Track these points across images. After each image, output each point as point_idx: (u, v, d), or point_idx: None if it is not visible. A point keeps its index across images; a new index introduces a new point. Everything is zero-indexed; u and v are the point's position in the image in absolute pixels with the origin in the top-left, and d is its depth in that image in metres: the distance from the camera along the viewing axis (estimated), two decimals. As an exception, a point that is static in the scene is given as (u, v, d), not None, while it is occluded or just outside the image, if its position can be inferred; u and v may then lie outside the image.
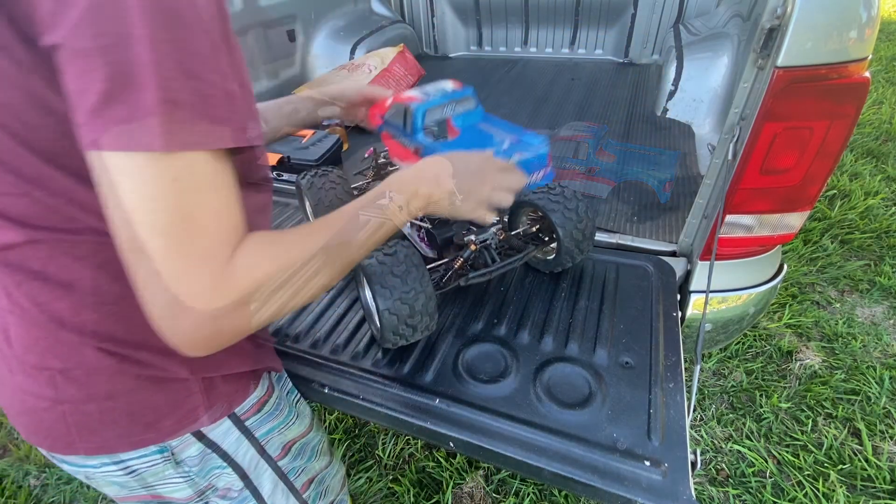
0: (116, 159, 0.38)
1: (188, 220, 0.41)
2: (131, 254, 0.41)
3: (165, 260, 0.40)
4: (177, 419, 0.60)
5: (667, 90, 1.85)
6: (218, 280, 0.43)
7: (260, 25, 1.92)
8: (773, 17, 0.76)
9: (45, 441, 0.57)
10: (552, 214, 0.96)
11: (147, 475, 0.62)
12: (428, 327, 0.86)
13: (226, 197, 0.44)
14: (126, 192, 0.39)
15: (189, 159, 0.40)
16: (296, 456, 0.80)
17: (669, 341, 0.90)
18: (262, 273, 0.46)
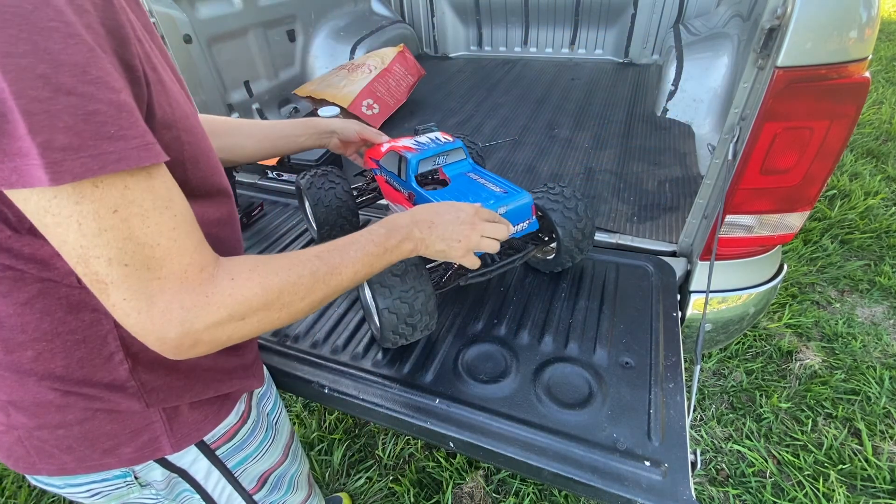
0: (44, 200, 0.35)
1: (148, 248, 0.40)
2: (95, 287, 0.40)
3: (133, 288, 0.40)
4: (136, 448, 0.57)
5: (667, 90, 1.85)
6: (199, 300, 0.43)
7: (260, 25, 1.92)
8: (773, 17, 0.76)
9: (8, 460, 0.56)
10: (552, 214, 0.96)
11: (112, 497, 0.61)
12: (428, 326, 0.86)
13: (177, 214, 0.42)
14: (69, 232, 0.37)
15: (122, 183, 0.37)
16: (272, 489, 0.77)
17: (669, 341, 0.90)
18: (246, 294, 0.45)
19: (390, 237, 0.62)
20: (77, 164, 0.35)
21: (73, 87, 0.34)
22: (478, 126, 1.93)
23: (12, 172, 0.34)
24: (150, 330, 0.42)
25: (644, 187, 1.41)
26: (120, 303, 0.40)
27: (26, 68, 0.32)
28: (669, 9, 2.33)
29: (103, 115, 0.36)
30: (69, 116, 0.34)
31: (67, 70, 0.34)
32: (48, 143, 0.33)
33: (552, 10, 2.59)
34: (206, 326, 0.43)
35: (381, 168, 1.09)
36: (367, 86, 1.90)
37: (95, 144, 0.35)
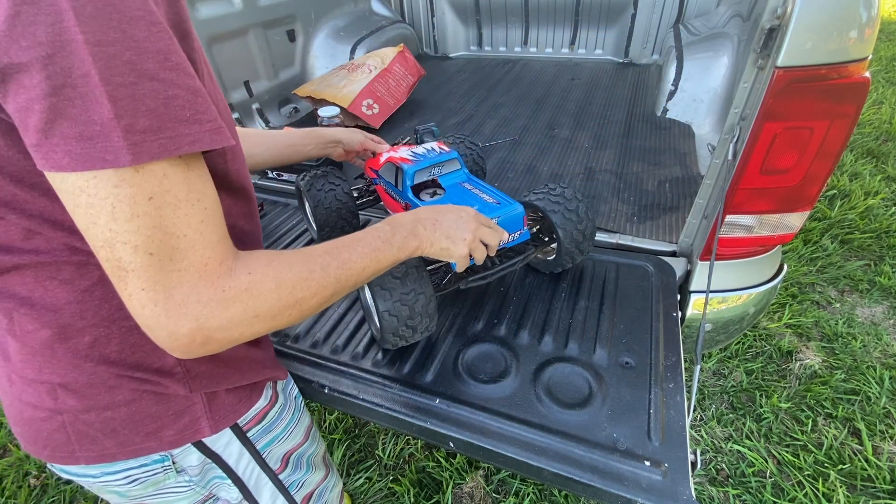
0: (82, 181, 0.36)
1: (174, 238, 0.39)
2: (114, 273, 0.40)
3: (153, 279, 0.39)
4: (178, 429, 0.59)
5: (667, 90, 1.85)
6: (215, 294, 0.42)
7: (260, 25, 1.92)
8: (773, 17, 0.76)
9: (43, 451, 0.57)
10: (552, 215, 0.96)
11: (148, 484, 0.62)
12: (428, 328, 0.86)
13: (207, 207, 0.42)
14: (101, 215, 0.37)
15: (162, 171, 0.38)
16: (295, 468, 0.79)
17: (669, 341, 0.90)
18: (261, 289, 0.45)
19: (395, 233, 0.63)
20: (155, 146, 0.36)
21: (156, 73, 0.36)
22: (478, 126, 1.93)
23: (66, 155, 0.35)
24: (164, 324, 0.41)
25: (644, 187, 1.41)
26: (137, 293, 0.40)
27: (115, 55, 0.34)
28: (669, 9, 2.33)
29: (181, 100, 0.37)
30: (151, 100, 0.36)
31: (151, 56, 0.36)
32: (131, 125, 0.35)
33: (552, 10, 2.59)
34: (220, 323, 0.43)
35: (379, 178, 1.11)
36: (367, 86, 1.90)
37: (173, 126, 0.37)
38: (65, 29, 0.32)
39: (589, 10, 2.52)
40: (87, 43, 0.33)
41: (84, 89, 0.34)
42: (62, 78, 0.33)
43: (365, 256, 0.57)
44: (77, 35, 0.32)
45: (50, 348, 0.51)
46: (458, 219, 0.71)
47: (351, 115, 1.91)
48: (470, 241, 0.71)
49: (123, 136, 0.35)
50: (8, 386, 0.56)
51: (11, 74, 0.33)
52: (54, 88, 0.33)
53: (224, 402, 0.62)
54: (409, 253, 0.65)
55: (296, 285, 0.48)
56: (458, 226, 0.71)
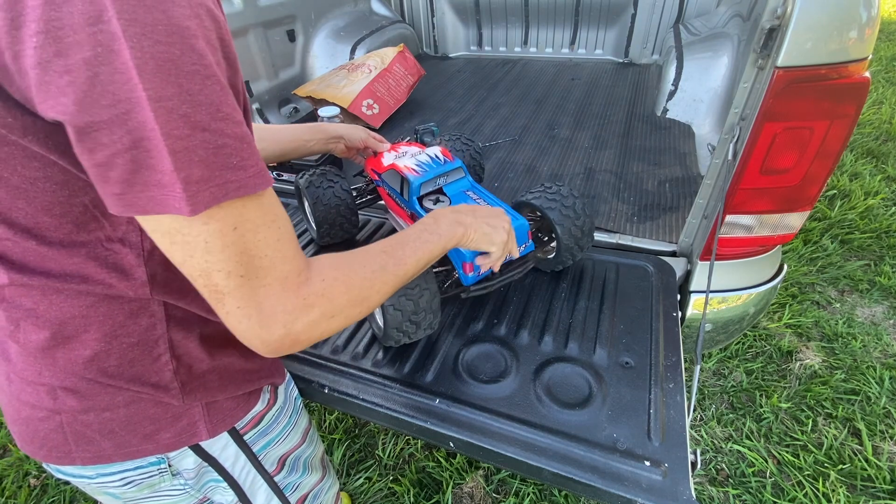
0: (176, 222, 0.40)
1: (257, 259, 0.44)
2: (212, 297, 0.44)
3: (246, 296, 0.44)
4: (176, 433, 0.59)
5: (667, 90, 1.85)
6: (298, 302, 0.47)
7: (260, 25, 1.92)
8: (773, 17, 0.76)
9: (39, 451, 0.57)
10: (550, 212, 0.97)
11: (143, 486, 0.62)
12: (431, 325, 0.86)
13: (281, 226, 0.46)
14: (196, 250, 0.41)
15: (239, 205, 0.42)
16: (290, 470, 0.79)
17: (669, 341, 0.90)
18: (335, 292, 0.50)
19: (440, 224, 0.68)
20: (208, 194, 0.39)
21: (208, 124, 0.38)
22: (478, 126, 1.93)
23: (149, 201, 0.38)
24: (258, 333, 0.46)
25: (644, 187, 1.41)
26: (234, 310, 0.44)
27: (172, 110, 0.36)
28: (669, 9, 2.33)
29: (229, 148, 0.40)
30: (203, 151, 0.38)
31: (204, 109, 0.38)
32: (188, 177, 0.38)
33: (552, 10, 2.59)
34: (304, 326, 0.48)
35: (383, 181, 1.11)
36: (367, 86, 1.90)
37: (221, 174, 0.40)
38: (135, 86, 0.34)
39: (589, 10, 2.52)
40: (149, 99, 0.35)
41: (154, 142, 0.36)
42: (140, 132, 0.36)
43: (417, 250, 0.62)
44: (141, 92, 0.35)
45: (51, 357, 0.52)
46: (493, 212, 0.77)
47: (351, 116, 1.91)
48: (501, 239, 0.76)
49: (183, 188, 0.38)
50: (7, 385, 0.56)
51: (89, 133, 0.36)
52: (134, 142, 0.36)
53: (222, 407, 0.63)
54: (456, 241, 0.70)
55: (362, 285, 0.53)
56: (495, 215, 0.76)
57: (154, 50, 0.35)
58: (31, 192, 0.43)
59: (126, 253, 0.49)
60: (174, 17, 0.35)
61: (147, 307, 0.53)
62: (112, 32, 0.33)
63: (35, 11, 0.32)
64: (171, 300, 0.54)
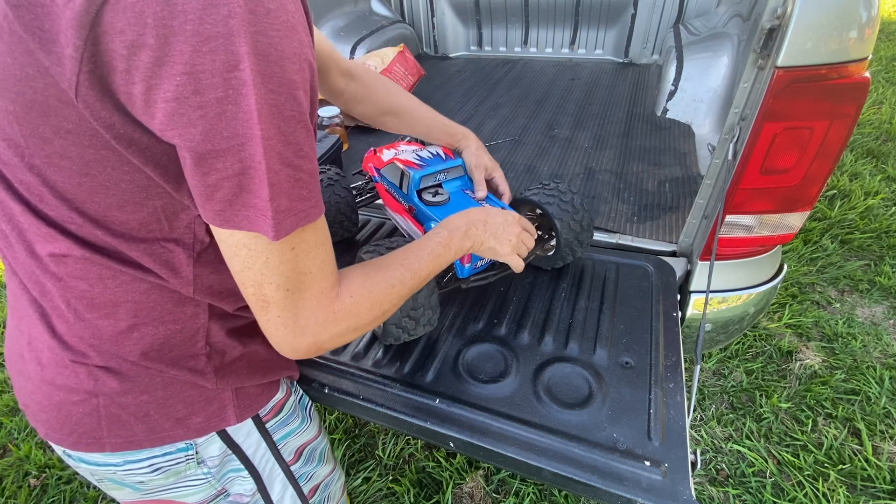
0: (247, 238, 0.45)
1: (304, 275, 0.49)
2: (258, 305, 0.49)
3: (287, 307, 0.49)
4: (206, 416, 0.62)
5: (667, 90, 1.85)
6: (328, 316, 0.52)
7: (260, 25, 1.92)
8: (773, 17, 0.76)
9: (68, 438, 0.58)
10: (548, 207, 0.97)
11: (170, 473, 0.63)
12: (430, 321, 0.86)
13: (327, 249, 0.52)
14: (256, 263, 0.46)
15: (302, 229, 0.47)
16: (306, 461, 0.81)
17: (669, 341, 0.90)
18: (360, 308, 0.56)
19: (452, 237, 0.71)
20: (288, 223, 0.45)
21: (292, 161, 0.44)
22: (478, 126, 1.93)
23: (244, 219, 0.44)
24: (290, 340, 0.51)
25: (644, 187, 1.41)
26: (274, 319, 0.49)
27: (272, 148, 0.42)
28: (669, 9, 2.33)
29: (304, 182, 0.46)
30: (287, 184, 0.44)
31: (292, 148, 0.44)
32: (278, 206, 0.44)
33: (552, 10, 2.59)
34: (330, 337, 0.53)
35: (381, 177, 1.11)
36: (367, 86, 1.90)
37: (295, 205, 0.45)
38: (253, 125, 0.40)
39: (589, 10, 2.51)
40: (262, 137, 0.41)
41: (259, 172, 0.42)
42: (249, 162, 0.41)
43: (430, 262, 0.66)
44: (258, 130, 0.41)
45: (99, 338, 0.55)
46: (504, 222, 0.80)
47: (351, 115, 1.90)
48: (514, 243, 0.80)
49: (273, 215, 0.43)
50: (38, 370, 0.57)
51: (208, 159, 0.41)
52: (243, 170, 0.42)
53: (248, 393, 0.66)
54: (464, 252, 0.74)
55: (383, 300, 0.59)
56: (504, 228, 0.79)
57: (269, 97, 0.41)
58: (111, 190, 0.47)
59: (179, 252, 0.53)
60: (287, 72, 0.41)
61: (191, 296, 0.57)
62: (243, 80, 0.39)
63: (183, 56, 0.37)
64: (208, 300, 0.58)
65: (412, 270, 0.63)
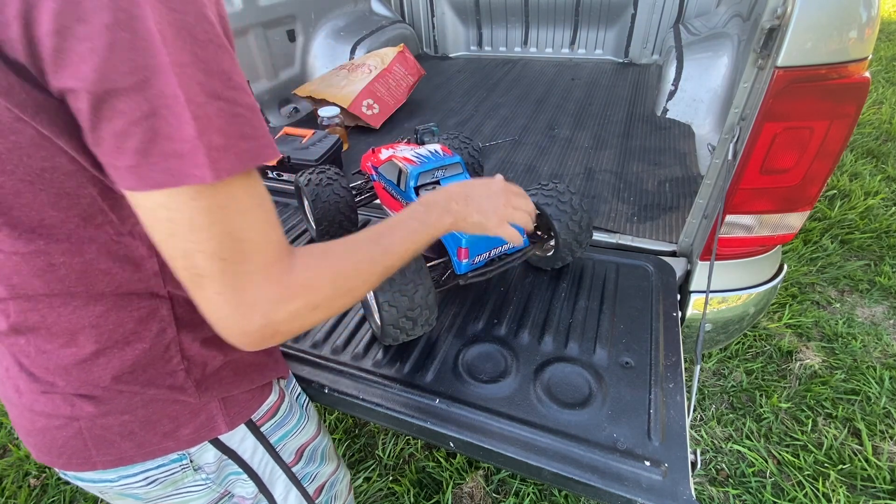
0: (164, 197, 0.38)
1: (241, 242, 0.42)
2: (191, 280, 0.42)
3: (227, 282, 0.42)
4: (195, 428, 0.60)
5: (667, 90, 1.85)
6: (280, 292, 0.45)
7: (260, 25, 1.92)
8: (773, 17, 0.76)
9: (59, 460, 0.56)
10: (547, 208, 0.98)
11: (167, 483, 0.62)
12: (428, 321, 0.86)
13: (267, 211, 0.45)
14: (180, 227, 0.39)
15: (230, 184, 0.40)
16: (308, 461, 0.80)
17: (669, 341, 0.90)
18: (320, 283, 0.48)
19: (430, 213, 0.64)
20: (227, 163, 0.38)
21: (222, 93, 0.38)
22: (478, 126, 1.93)
23: (164, 173, 0.37)
24: (236, 323, 0.44)
25: (644, 187, 1.41)
26: (213, 296, 0.42)
27: (191, 76, 0.36)
28: (669, 9, 2.33)
29: (243, 118, 0.40)
30: (220, 119, 0.38)
31: (217, 77, 0.38)
32: (210, 142, 0.37)
33: (552, 10, 2.59)
34: (286, 317, 0.45)
35: (379, 175, 1.11)
36: (367, 86, 1.90)
37: (237, 143, 0.39)
38: (157, 52, 0.34)
39: (589, 10, 2.52)
40: (172, 64, 0.35)
41: (175, 109, 0.36)
42: (159, 99, 0.35)
43: (405, 240, 0.59)
44: (165, 58, 0.35)
45: (63, 368, 0.52)
46: (488, 192, 0.73)
47: (351, 115, 1.91)
48: (504, 213, 0.73)
49: (206, 153, 0.37)
50: (17, 397, 0.55)
51: (108, 100, 0.35)
52: (153, 109, 0.35)
53: (238, 400, 0.64)
54: (445, 229, 0.67)
55: (348, 276, 0.51)
56: (489, 199, 0.72)
57: (172, 17, 0.34)
58: (37, 185, 0.42)
59: (137, 245, 0.49)
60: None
61: (156, 312, 0.53)
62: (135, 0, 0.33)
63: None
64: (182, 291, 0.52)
65: (383, 247, 0.56)
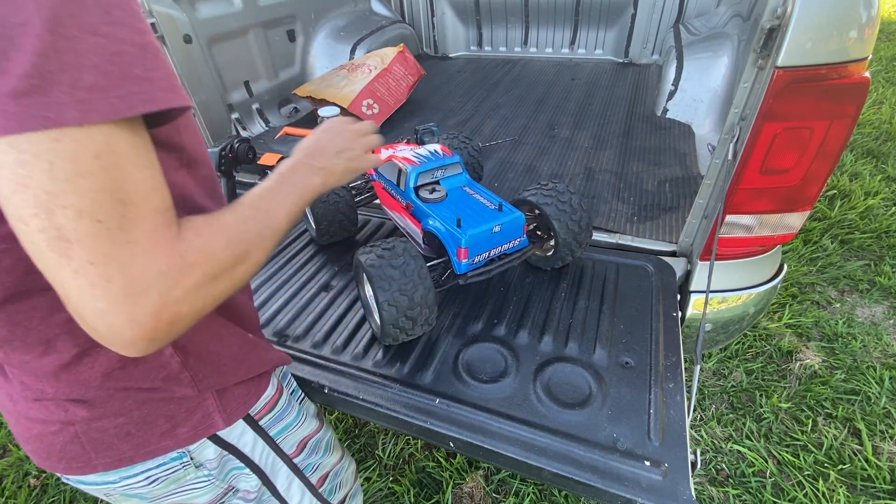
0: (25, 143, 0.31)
1: (122, 204, 0.35)
2: (51, 249, 0.33)
3: (102, 251, 0.34)
4: (192, 425, 0.59)
5: (667, 90, 1.85)
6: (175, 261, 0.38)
7: (260, 25, 1.92)
8: (773, 17, 0.76)
9: (59, 464, 0.56)
10: (546, 208, 0.98)
11: (170, 481, 0.62)
12: (428, 321, 0.86)
13: (155, 175, 0.38)
14: (35, 174, 0.32)
15: (109, 130, 0.34)
16: (311, 452, 0.81)
17: (669, 341, 0.90)
18: (214, 246, 0.42)
19: (295, 174, 0.59)
20: (105, 105, 0.33)
21: (98, 28, 0.33)
22: (478, 126, 1.93)
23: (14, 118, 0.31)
24: (122, 307, 0.35)
25: (644, 187, 1.41)
26: (85, 268, 0.34)
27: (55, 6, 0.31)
28: (669, 9, 2.33)
29: (129, 56, 0.35)
30: (95, 56, 0.33)
31: (95, 13, 0.33)
32: (76, 81, 0.32)
33: (552, 10, 2.59)
34: (185, 292, 0.38)
35: (379, 175, 1.10)
36: (367, 86, 1.90)
37: (122, 84, 0.34)
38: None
39: (589, 10, 2.52)
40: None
41: (22, 40, 0.30)
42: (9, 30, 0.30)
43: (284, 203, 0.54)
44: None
45: (48, 374, 0.50)
46: (334, 131, 0.69)
47: (351, 115, 1.91)
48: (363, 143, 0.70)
49: (69, 91, 0.31)
50: (11, 405, 0.55)
51: None
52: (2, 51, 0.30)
53: (234, 395, 0.63)
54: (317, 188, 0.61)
55: (241, 238, 0.46)
56: (340, 138, 0.68)
57: None
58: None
59: None
60: None
61: None
62: None
63: None
64: None
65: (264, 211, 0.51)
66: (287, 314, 1.02)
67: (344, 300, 1.06)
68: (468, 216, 0.90)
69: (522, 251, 0.97)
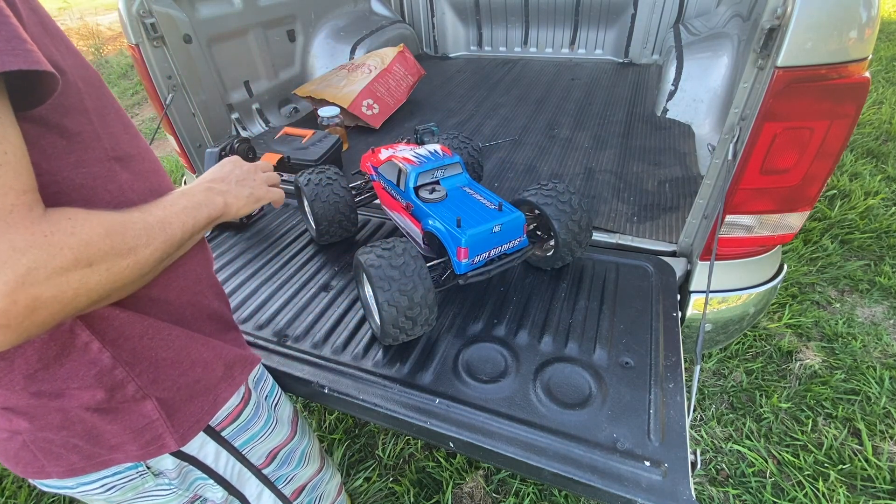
0: None
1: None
2: None
3: None
4: (141, 445, 0.57)
5: (667, 90, 1.85)
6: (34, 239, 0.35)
7: (260, 25, 1.92)
8: (773, 17, 0.76)
9: (17, 467, 0.55)
10: (546, 208, 0.98)
11: (127, 489, 0.61)
12: (428, 321, 0.86)
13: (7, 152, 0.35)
14: None
15: None
16: (282, 464, 0.78)
17: (669, 341, 0.90)
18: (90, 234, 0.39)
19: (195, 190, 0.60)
20: None
21: None
22: (478, 126, 1.93)
23: None
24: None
25: (644, 187, 1.41)
26: None
27: None
28: (669, 9, 2.33)
29: None
30: None
31: None
32: None
33: (552, 10, 2.59)
34: (49, 275, 0.35)
35: (379, 175, 1.11)
36: (367, 86, 1.90)
37: None
38: None
39: (589, 10, 2.52)
40: None
41: None
42: None
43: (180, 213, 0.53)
44: None
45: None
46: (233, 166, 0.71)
47: (351, 115, 1.91)
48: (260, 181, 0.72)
49: None
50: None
51: None
52: None
53: (186, 415, 0.59)
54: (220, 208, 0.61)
55: (126, 232, 0.43)
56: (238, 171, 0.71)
57: None
58: None
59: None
60: None
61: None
62: None
63: None
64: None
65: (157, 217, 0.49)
66: (287, 314, 1.02)
67: (344, 300, 1.06)
68: (468, 216, 0.90)
69: (522, 251, 0.97)
